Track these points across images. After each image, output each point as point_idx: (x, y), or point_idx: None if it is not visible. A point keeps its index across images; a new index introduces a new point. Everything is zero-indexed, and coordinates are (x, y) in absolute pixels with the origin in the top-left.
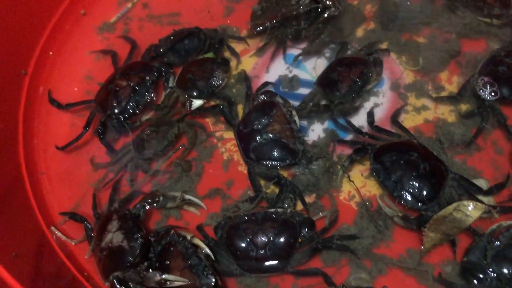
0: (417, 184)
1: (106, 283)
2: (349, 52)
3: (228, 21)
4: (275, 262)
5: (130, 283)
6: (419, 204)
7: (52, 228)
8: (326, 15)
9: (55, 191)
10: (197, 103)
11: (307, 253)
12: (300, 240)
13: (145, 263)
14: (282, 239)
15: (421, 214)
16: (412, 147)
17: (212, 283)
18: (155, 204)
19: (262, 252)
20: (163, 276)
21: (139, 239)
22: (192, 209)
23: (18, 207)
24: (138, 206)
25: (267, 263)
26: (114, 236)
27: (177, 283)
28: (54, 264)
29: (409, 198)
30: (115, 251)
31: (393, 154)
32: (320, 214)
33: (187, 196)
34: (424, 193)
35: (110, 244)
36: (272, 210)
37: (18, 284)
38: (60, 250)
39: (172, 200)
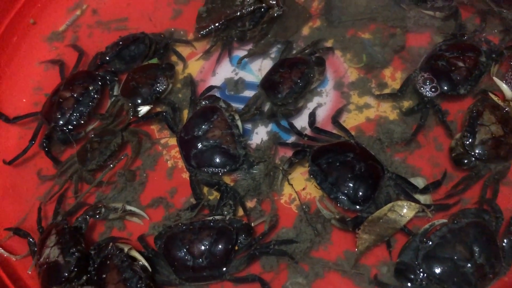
0: (352, 185)
1: None
2: (294, 51)
3: (176, 24)
4: (212, 270)
5: None
6: (355, 205)
7: None
8: (269, 14)
9: (0, 207)
10: (143, 109)
11: (245, 259)
12: (237, 247)
13: (84, 277)
14: (218, 247)
15: (357, 215)
16: (349, 148)
17: None
18: (97, 216)
19: (199, 261)
20: None
21: (75, 253)
22: (135, 220)
23: None
24: (80, 219)
25: (204, 272)
26: (51, 251)
27: None
28: None
29: (345, 199)
30: (52, 266)
31: (330, 155)
32: (260, 219)
33: (129, 207)
34: (360, 194)
35: (47, 259)
36: (210, 218)
37: None
38: (0, 267)
39: (114, 211)
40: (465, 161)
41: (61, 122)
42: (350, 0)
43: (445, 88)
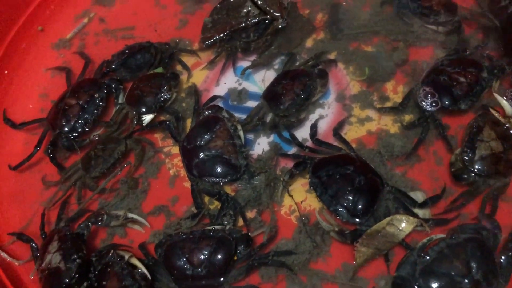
0: (351, 198)
1: None
2: (297, 63)
3: (181, 34)
4: (211, 279)
5: None
6: (354, 218)
7: None
8: (274, 26)
9: (4, 211)
10: (147, 118)
11: (243, 270)
12: (236, 257)
13: (85, 283)
14: (218, 257)
15: (356, 228)
16: (349, 161)
17: None
18: (99, 223)
19: (198, 270)
20: None
21: (76, 260)
22: (136, 227)
23: None
24: (82, 225)
25: (203, 281)
26: (53, 257)
27: None
28: None
29: (344, 212)
30: (53, 272)
31: (330, 168)
32: (260, 229)
33: (130, 215)
34: (359, 207)
35: (49, 265)
36: (210, 227)
37: None
38: (3, 272)
39: (115, 218)
40: (465, 176)
41: (66, 128)
42: (353, 13)
43: (446, 103)
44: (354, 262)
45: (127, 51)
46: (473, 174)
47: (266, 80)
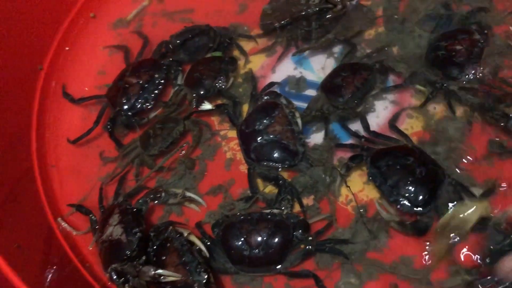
0: (413, 189)
1: (106, 274)
2: (358, 54)
3: (240, 19)
4: (267, 262)
5: (127, 275)
6: (415, 208)
7: (59, 219)
8: (333, 13)
9: (64, 184)
10: (205, 106)
11: (300, 255)
12: (293, 242)
13: (143, 257)
14: (275, 240)
15: (417, 219)
16: (409, 152)
17: (204, 281)
18: (157, 200)
19: (255, 251)
20: (157, 271)
21: (137, 233)
22: (192, 206)
23: (27, 198)
24: (141, 201)
25: (260, 263)
26: (114, 230)
27: (169, 278)
28: (57, 255)
29: (405, 202)
30: (114, 244)
31: (389, 159)
32: (317, 217)
33: (188, 193)
34: (420, 197)
35: (110, 237)
36: (268, 211)
37: (15, 275)
38: (65, 241)
39: (173, 196)
40: None
41: (126, 106)
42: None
43: (455, 72)
44: (427, 262)
45: (186, 33)
46: None
47: (325, 68)
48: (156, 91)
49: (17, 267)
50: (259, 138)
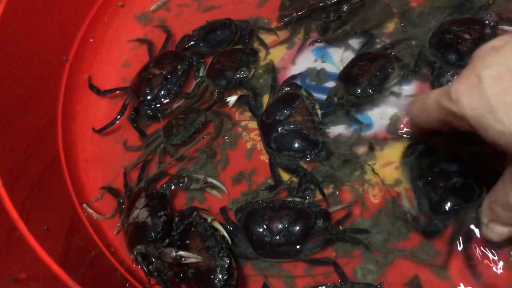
0: (440, 195)
1: (131, 256)
2: (378, 46)
3: (260, 12)
4: (288, 249)
5: (151, 257)
6: (432, 212)
7: (85, 205)
8: (351, 5)
9: (89, 171)
10: (232, 99)
11: (320, 243)
12: (314, 230)
13: (167, 240)
14: (296, 228)
15: (431, 222)
16: (456, 161)
17: (226, 265)
18: (180, 185)
19: (276, 238)
20: (178, 253)
21: (162, 217)
22: (214, 193)
23: (54, 184)
24: (165, 185)
25: (280, 249)
26: (140, 213)
27: (191, 260)
28: (83, 238)
29: (425, 202)
30: (139, 226)
31: (435, 159)
32: (338, 206)
33: (210, 179)
34: (442, 205)
35: (136, 220)
36: (290, 199)
37: (46, 254)
38: (90, 226)
39: (196, 181)
40: None
41: (149, 97)
42: None
43: (453, 58)
44: None
45: (207, 26)
46: None
47: (344, 60)
48: (178, 82)
49: (46, 247)
50: (279, 128)
